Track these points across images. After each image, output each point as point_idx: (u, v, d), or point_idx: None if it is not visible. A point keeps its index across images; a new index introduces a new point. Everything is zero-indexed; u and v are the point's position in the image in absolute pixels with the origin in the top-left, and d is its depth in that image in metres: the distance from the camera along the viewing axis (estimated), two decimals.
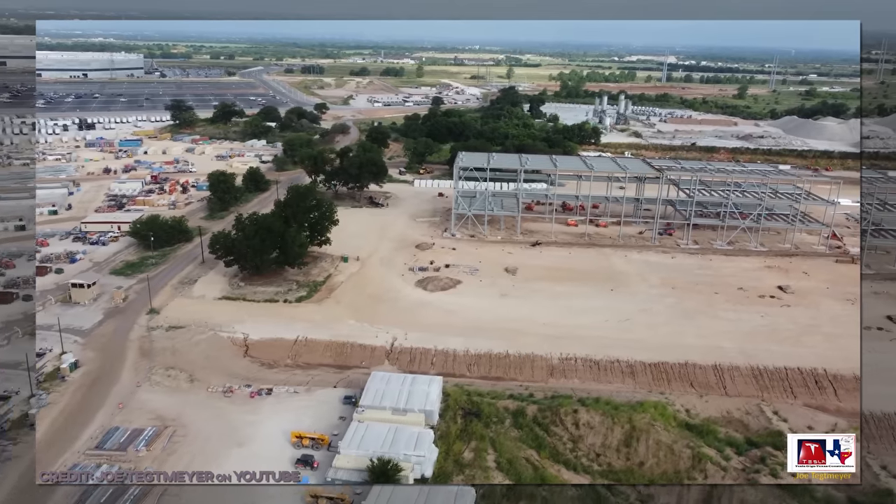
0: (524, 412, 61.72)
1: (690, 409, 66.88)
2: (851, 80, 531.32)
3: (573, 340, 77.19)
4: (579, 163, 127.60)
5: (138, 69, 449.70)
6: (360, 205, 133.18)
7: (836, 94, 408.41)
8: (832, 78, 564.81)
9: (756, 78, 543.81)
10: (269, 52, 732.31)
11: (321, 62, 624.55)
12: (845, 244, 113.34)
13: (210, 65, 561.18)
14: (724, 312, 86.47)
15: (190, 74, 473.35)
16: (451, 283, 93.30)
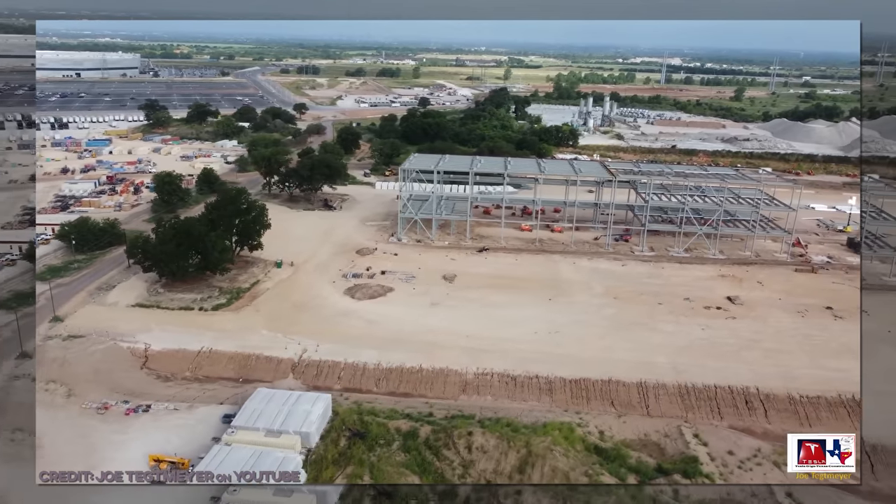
0: (416, 434, 57.39)
1: (605, 430, 62.29)
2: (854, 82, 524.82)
3: (495, 354, 72.86)
4: (533, 166, 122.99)
5: (133, 69, 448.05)
6: (314, 207, 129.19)
7: (836, 96, 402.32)
8: (835, 80, 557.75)
9: (757, 80, 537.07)
10: (272, 52, 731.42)
11: (321, 62, 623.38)
12: (808, 252, 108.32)
13: (209, 65, 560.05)
14: (663, 325, 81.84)
15: (184, 74, 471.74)
16: (381, 291, 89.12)
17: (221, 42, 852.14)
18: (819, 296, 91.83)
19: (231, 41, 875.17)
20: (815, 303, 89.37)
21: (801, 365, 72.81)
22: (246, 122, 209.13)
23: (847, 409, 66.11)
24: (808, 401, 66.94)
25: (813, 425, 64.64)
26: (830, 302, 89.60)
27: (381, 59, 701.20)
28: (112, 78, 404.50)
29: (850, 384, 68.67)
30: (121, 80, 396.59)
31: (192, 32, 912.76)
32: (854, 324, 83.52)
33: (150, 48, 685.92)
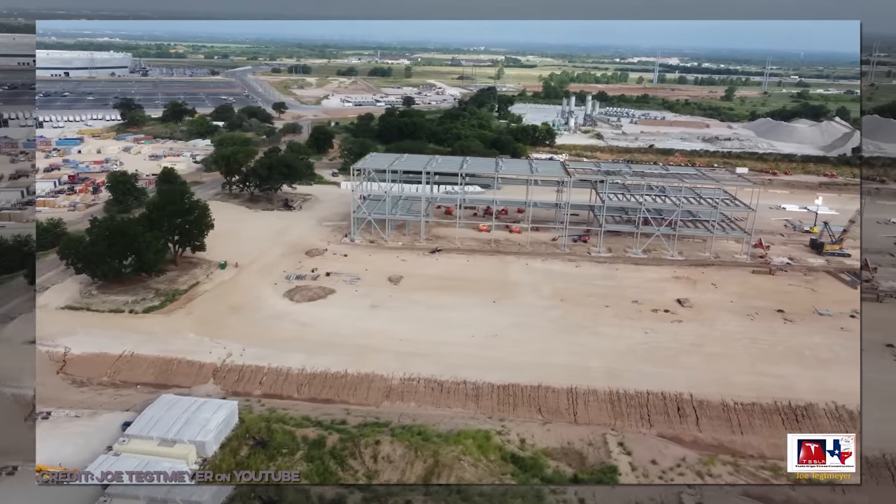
0: (323, 442, 55.25)
1: (527, 438, 60.09)
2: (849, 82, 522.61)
3: (427, 358, 70.73)
4: (492, 165, 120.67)
5: (122, 68, 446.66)
6: (274, 207, 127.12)
7: (829, 96, 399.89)
8: (830, 80, 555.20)
9: (752, 80, 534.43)
10: (269, 52, 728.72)
11: (316, 62, 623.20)
12: (768, 253, 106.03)
13: (203, 64, 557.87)
14: (606, 328, 79.67)
15: (174, 73, 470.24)
16: (322, 293, 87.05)
17: (222, 42, 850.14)
18: (772, 298, 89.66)
19: (231, 41, 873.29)
20: (767, 305, 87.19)
21: (741, 370, 70.58)
22: (221, 122, 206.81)
23: (781, 416, 63.95)
24: (741, 408, 64.72)
25: (745, 433, 62.62)
26: (783, 305, 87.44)
27: (376, 58, 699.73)
28: (100, 77, 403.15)
29: (787, 390, 66.89)
30: (108, 80, 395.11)
31: (192, 32, 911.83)
32: (805, 326, 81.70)
33: (145, 48, 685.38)
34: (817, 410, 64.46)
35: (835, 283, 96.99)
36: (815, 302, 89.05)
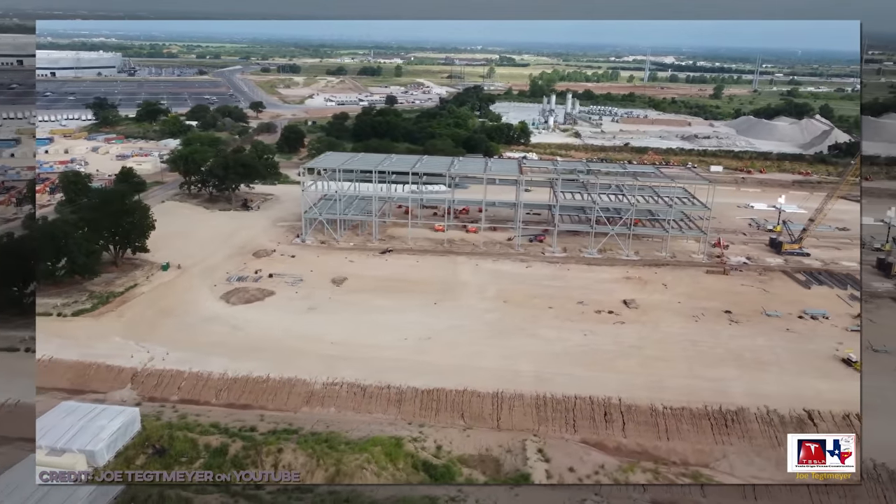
0: (226, 450, 53.55)
1: (444, 445, 58.33)
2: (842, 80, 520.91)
3: (353, 362, 69.02)
4: (446, 164, 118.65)
5: (110, 68, 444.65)
6: (232, 207, 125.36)
7: (819, 94, 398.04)
8: (824, 78, 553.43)
9: (743, 78, 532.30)
10: (263, 52, 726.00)
11: (308, 61, 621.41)
12: (724, 253, 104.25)
13: (193, 64, 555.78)
14: (545, 330, 77.90)
15: (163, 73, 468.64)
16: (260, 294, 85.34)
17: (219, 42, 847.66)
18: (722, 299, 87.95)
19: (228, 41, 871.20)
20: (716, 306, 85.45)
21: (676, 374, 68.90)
22: (195, 121, 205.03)
23: (710, 422, 62.18)
24: (670, 413, 62.97)
25: (671, 439, 60.90)
26: (732, 305, 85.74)
27: (370, 57, 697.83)
28: (86, 77, 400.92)
29: (720, 395, 65.21)
30: (94, 80, 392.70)
31: (190, 32, 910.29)
32: (750, 328, 79.98)
33: (139, 48, 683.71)
34: (748, 415, 62.68)
35: (789, 283, 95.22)
36: (766, 303, 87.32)
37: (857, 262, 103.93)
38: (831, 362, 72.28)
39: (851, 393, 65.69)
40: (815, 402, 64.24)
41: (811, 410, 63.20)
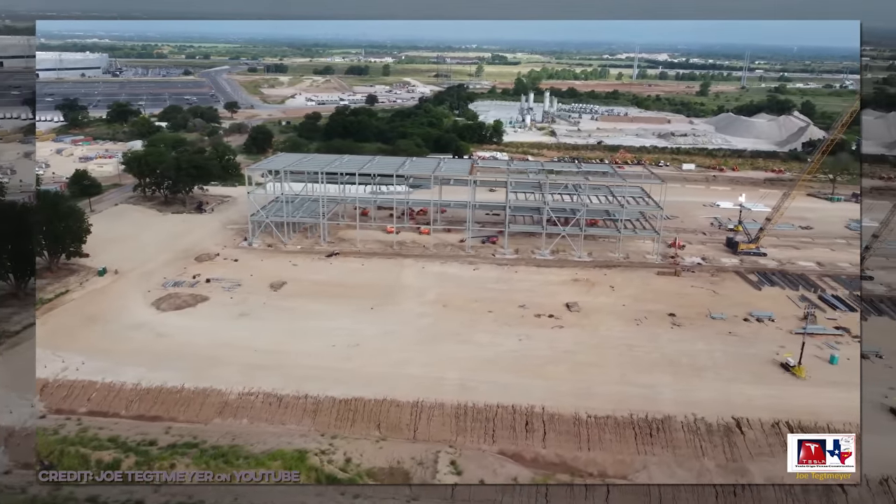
0: (118, 465, 51.48)
1: (354, 458, 56.26)
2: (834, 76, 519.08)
3: (274, 371, 66.91)
4: (398, 164, 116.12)
5: (94, 69, 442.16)
6: (186, 210, 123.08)
7: (807, 90, 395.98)
8: (815, 75, 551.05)
9: (733, 75, 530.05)
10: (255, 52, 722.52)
11: (297, 61, 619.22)
12: (678, 254, 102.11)
13: (182, 64, 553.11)
14: (479, 335, 75.78)
15: (149, 74, 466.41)
16: (192, 300, 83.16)
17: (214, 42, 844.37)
18: (669, 301, 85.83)
19: (223, 40, 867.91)
20: (661, 309, 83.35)
21: (606, 380, 66.79)
22: (165, 122, 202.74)
23: (635, 430, 60.12)
24: (594, 421, 60.92)
25: (592, 449, 58.83)
26: (678, 308, 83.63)
27: (361, 56, 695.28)
28: (69, 78, 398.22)
29: (649, 402, 63.18)
30: (76, 80, 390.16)
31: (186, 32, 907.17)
32: (692, 331, 77.93)
33: (130, 48, 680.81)
34: (674, 424, 60.64)
35: (741, 284, 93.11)
36: (713, 305, 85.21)
37: (813, 261, 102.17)
38: (769, 367, 70.22)
39: (783, 399, 64.00)
40: (745, 409, 62.23)
41: (740, 418, 61.16)
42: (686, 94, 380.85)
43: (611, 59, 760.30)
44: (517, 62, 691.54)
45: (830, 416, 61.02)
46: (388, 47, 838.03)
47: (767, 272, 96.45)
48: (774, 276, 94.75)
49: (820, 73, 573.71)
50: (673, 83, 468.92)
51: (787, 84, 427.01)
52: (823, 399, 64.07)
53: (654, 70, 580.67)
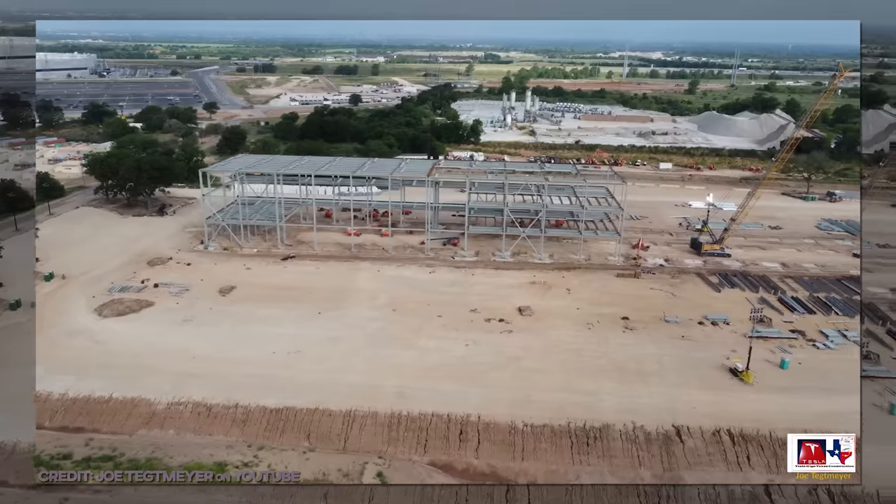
0: None
1: (277, 469, 54.52)
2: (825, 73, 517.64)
3: (209, 379, 65.14)
4: (358, 164, 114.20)
5: (81, 69, 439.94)
6: (148, 213, 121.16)
7: (796, 88, 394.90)
8: (807, 73, 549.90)
9: (724, 73, 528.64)
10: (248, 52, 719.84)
11: (288, 61, 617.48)
12: (641, 255, 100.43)
13: (172, 64, 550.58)
14: (427, 341, 74.10)
15: (136, 74, 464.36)
16: (136, 306, 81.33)
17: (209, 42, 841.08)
18: (625, 304, 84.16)
19: (219, 41, 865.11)
20: (615, 312, 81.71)
21: (549, 387, 65.08)
22: (140, 123, 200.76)
23: (571, 440, 58.51)
24: (530, 430, 59.30)
25: (525, 459, 57.23)
26: (633, 311, 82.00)
27: (353, 56, 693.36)
28: (54, 79, 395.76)
29: (589, 409, 61.62)
30: (62, 81, 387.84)
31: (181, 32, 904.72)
32: (644, 335, 76.32)
33: (122, 49, 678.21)
34: (612, 432, 59.03)
35: (700, 286, 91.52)
36: (670, 308, 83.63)
37: (778, 262, 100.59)
38: (717, 372, 68.65)
39: (727, 406, 62.42)
40: (688, 416, 60.74)
41: (680, 426, 59.56)
42: (675, 92, 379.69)
43: (605, 57, 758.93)
44: (509, 61, 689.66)
45: (773, 423, 59.44)
46: (383, 47, 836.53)
47: (729, 273, 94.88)
48: (736, 278, 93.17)
49: (812, 70, 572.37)
50: (662, 82, 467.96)
51: (777, 82, 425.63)
52: (769, 405, 62.57)
53: (645, 68, 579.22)
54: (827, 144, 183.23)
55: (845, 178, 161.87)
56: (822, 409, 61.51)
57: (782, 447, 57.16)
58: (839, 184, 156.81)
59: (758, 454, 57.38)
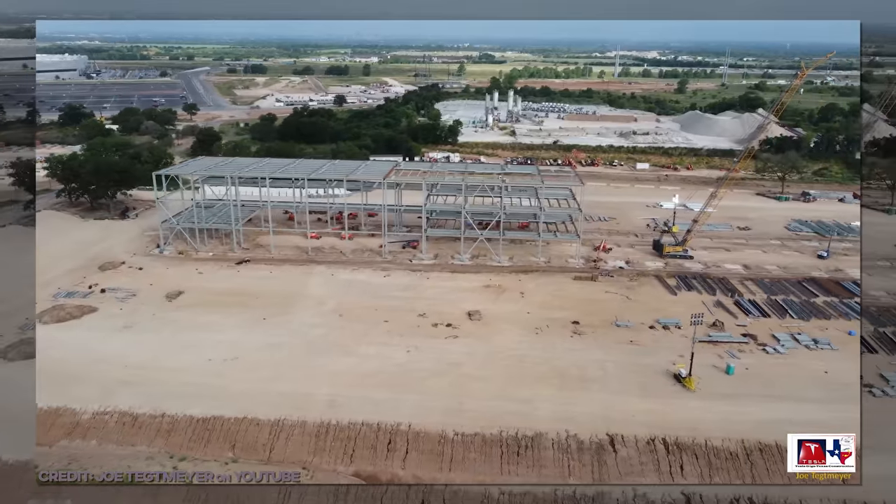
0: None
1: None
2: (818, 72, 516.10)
3: (139, 387, 63.79)
4: (317, 166, 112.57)
5: (70, 71, 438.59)
6: (110, 216, 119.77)
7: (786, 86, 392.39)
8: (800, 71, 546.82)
9: (716, 72, 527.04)
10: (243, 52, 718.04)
11: (280, 61, 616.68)
12: (603, 257, 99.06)
13: (166, 65, 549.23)
14: (367, 347, 72.66)
15: (126, 75, 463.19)
16: (77, 312, 79.91)
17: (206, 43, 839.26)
18: (577, 308, 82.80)
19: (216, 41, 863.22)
20: (566, 316, 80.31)
21: (485, 395, 63.68)
22: (116, 125, 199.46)
23: (501, 449, 57.08)
24: (460, 439, 57.90)
25: (453, 469, 55.82)
26: (585, 315, 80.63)
27: (347, 56, 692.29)
28: (42, 80, 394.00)
29: (524, 418, 60.30)
30: (49, 83, 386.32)
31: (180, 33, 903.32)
32: (592, 340, 74.93)
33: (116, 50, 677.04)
34: (544, 441, 57.65)
35: (658, 288, 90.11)
36: (623, 311, 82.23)
37: (740, 264, 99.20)
38: (661, 378, 67.25)
39: (665, 413, 61.04)
40: (624, 424, 59.38)
41: (614, 435, 58.17)
42: (665, 91, 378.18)
43: (600, 57, 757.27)
44: (503, 61, 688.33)
45: (709, 431, 58.15)
46: (379, 47, 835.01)
47: (689, 276, 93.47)
48: (695, 281, 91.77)
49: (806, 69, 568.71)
50: (653, 81, 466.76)
51: (769, 81, 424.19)
52: (708, 413, 61.20)
53: (638, 68, 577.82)
54: (806, 143, 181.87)
55: (822, 177, 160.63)
56: (762, 417, 60.19)
57: (717, 455, 56.64)
58: (815, 184, 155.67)
59: (692, 463, 56.04)
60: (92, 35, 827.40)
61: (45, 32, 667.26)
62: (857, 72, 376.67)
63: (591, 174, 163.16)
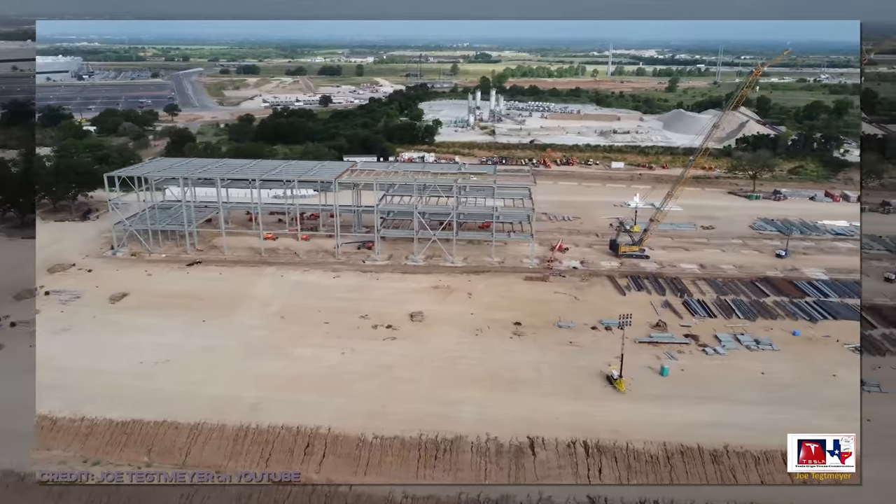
0: None
1: None
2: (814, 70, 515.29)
3: (66, 391, 63.28)
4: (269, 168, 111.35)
5: (63, 72, 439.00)
6: (72, 218, 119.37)
7: (779, 85, 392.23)
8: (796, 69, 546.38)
9: (710, 70, 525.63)
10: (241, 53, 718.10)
11: (275, 62, 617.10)
12: (558, 257, 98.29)
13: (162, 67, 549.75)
14: (303, 349, 72.10)
15: (118, 77, 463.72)
16: None
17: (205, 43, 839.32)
18: (522, 309, 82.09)
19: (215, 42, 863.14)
20: (510, 317, 79.62)
21: (412, 397, 63.08)
22: (94, 126, 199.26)
23: (419, 452, 56.43)
24: (379, 443, 57.24)
25: (368, 473, 55.19)
26: (528, 316, 79.97)
27: (343, 56, 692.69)
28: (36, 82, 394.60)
29: (446, 420, 59.64)
30: (39, 85, 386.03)
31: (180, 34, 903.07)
32: (531, 342, 74.30)
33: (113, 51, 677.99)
34: (463, 444, 56.98)
35: (608, 289, 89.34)
36: (569, 312, 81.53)
37: (696, 263, 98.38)
38: (593, 380, 66.56)
39: (591, 416, 60.31)
40: (548, 427, 58.68)
41: (535, 437, 57.45)
42: (656, 90, 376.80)
43: (598, 56, 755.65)
44: (498, 61, 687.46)
45: (631, 434, 57.44)
46: (378, 47, 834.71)
47: (641, 276, 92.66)
48: (646, 281, 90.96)
49: (802, 67, 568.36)
50: (646, 80, 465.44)
51: (762, 79, 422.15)
52: (633, 415, 60.51)
53: (632, 66, 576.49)
54: (783, 141, 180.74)
55: (797, 175, 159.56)
56: (688, 419, 59.49)
57: (637, 458, 55.89)
58: (789, 182, 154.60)
59: (610, 466, 55.33)
60: (92, 36, 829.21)
61: (45, 34, 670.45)
62: (852, 69, 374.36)
63: (564, 173, 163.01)
